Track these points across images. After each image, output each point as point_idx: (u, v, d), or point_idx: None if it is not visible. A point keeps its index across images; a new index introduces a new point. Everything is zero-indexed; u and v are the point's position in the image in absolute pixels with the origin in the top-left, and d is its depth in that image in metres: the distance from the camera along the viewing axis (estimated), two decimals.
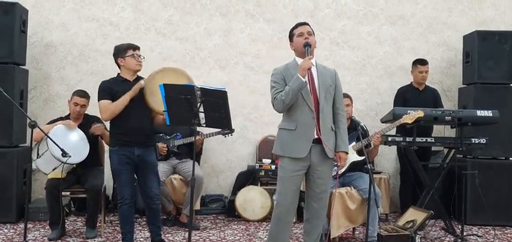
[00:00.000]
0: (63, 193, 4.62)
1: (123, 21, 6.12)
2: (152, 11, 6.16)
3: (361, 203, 4.44)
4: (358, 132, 4.35)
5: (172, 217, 5.20)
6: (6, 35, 5.25)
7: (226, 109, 3.52)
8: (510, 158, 5.63)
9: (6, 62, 5.24)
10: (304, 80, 3.31)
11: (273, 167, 5.60)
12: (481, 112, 4.68)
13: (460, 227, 4.79)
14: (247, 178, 5.85)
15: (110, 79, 4.17)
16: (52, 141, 4.11)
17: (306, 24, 3.56)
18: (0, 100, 4.73)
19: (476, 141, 4.76)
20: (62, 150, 4.07)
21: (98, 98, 4.05)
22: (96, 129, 4.56)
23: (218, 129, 4.98)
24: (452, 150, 4.89)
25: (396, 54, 6.36)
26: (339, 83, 3.60)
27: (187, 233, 3.94)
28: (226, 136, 5.25)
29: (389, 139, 4.72)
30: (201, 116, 3.57)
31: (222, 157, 6.23)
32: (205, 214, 5.79)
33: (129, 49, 4.07)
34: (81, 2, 6.08)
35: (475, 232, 5.15)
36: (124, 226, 4.11)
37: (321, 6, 6.32)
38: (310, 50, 3.42)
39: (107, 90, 4.02)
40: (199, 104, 3.51)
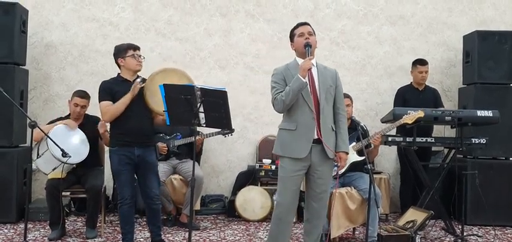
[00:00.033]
0: (63, 193, 4.62)
1: (123, 22, 6.12)
2: (152, 11, 6.16)
3: (361, 203, 4.44)
4: (358, 132, 4.34)
5: (172, 217, 5.19)
6: (7, 35, 5.25)
7: (226, 109, 3.52)
8: (510, 158, 5.63)
9: (7, 62, 5.25)
10: (304, 81, 3.30)
11: (273, 167, 5.60)
12: (481, 112, 4.68)
13: (460, 227, 4.78)
14: (247, 178, 5.84)
15: (110, 79, 4.17)
16: (52, 141, 4.11)
17: (306, 24, 3.56)
18: (0, 100, 4.74)
19: (477, 141, 4.76)
20: (62, 150, 4.07)
21: (99, 99, 4.05)
22: (102, 126, 4.35)
23: (218, 129, 4.98)
24: (453, 150, 4.89)
25: (396, 54, 6.36)
26: (340, 83, 3.60)
27: (187, 234, 3.94)
28: (226, 136, 5.25)
29: (390, 139, 4.72)
30: (201, 116, 3.57)
31: (222, 157, 6.23)
32: (206, 214, 5.79)
33: (129, 49, 4.07)
34: (81, 3, 6.08)
35: (475, 232, 5.15)
36: (124, 226, 4.11)
37: (321, 6, 6.32)
38: (310, 50, 3.42)
39: (107, 91, 4.02)
40: (199, 104, 3.51)
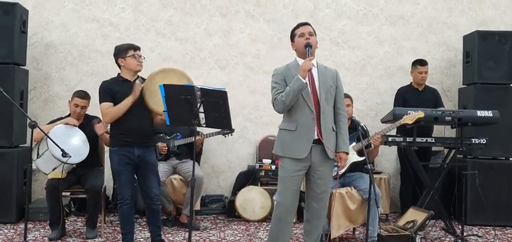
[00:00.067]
0: (63, 193, 4.62)
1: (123, 22, 6.12)
2: (152, 11, 6.16)
3: (362, 203, 4.44)
4: (358, 132, 4.34)
5: (172, 217, 5.19)
6: (7, 35, 5.25)
7: (226, 109, 3.52)
8: (510, 158, 5.63)
9: (7, 62, 5.24)
10: (304, 81, 3.30)
11: (273, 167, 5.60)
12: (481, 113, 4.67)
13: (460, 227, 4.78)
14: (247, 179, 5.84)
15: (110, 79, 4.17)
16: (52, 141, 4.11)
17: (307, 24, 3.56)
18: (0, 101, 4.74)
19: (477, 141, 4.76)
20: (62, 150, 4.07)
21: (99, 100, 4.04)
22: (99, 128, 4.31)
23: (218, 129, 4.98)
24: (453, 150, 4.89)
25: (396, 54, 6.36)
26: (340, 83, 3.59)
27: (187, 234, 3.94)
28: (226, 136, 5.25)
29: (390, 139, 4.72)
30: (201, 116, 3.57)
31: (222, 157, 6.23)
32: (206, 214, 5.79)
33: (129, 49, 4.07)
34: (81, 3, 6.08)
35: (475, 232, 5.15)
36: (124, 227, 4.11)
37: (321, 6, 6.32)
38: (311, 50, 3.41)
39: (107, 92, 4.01)
40: (199, 104, 3.51)
